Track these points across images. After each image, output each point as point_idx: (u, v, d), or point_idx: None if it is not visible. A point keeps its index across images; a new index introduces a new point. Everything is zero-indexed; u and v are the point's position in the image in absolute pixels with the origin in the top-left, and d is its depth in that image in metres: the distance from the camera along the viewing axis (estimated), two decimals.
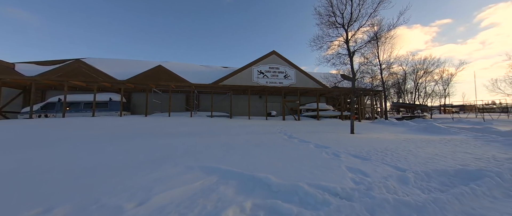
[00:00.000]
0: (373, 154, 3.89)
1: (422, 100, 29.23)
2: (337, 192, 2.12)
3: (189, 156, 3.58)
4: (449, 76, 28.40)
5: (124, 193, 1.97)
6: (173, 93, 15.67)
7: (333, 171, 2.86)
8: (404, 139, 5.88)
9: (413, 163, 3.31)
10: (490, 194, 2.29)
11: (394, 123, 11.15)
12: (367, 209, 1.79)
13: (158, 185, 2.18)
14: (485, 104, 23.97)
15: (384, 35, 8.94)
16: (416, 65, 28.17)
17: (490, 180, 2.49)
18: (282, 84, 17.01)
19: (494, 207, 2.02)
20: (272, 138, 5.91)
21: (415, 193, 2.21)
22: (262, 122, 11.21)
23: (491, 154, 4.01)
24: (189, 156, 3.58)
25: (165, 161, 3.19)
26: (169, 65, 17.76)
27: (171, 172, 2.64)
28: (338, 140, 5.59)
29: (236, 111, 16.31)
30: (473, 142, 5.38)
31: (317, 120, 13.72)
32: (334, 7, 7.73)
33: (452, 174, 2.77)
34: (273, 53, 17.29)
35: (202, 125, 8.82)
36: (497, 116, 21.06)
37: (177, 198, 1.88)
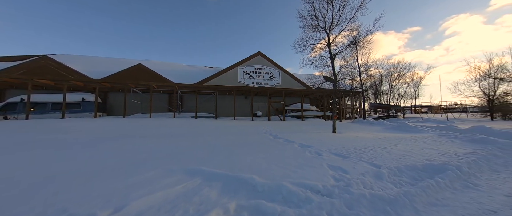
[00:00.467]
0: (352, 152, 4.11)
1: (396, 101, 31.57)
2: (319, 190, 2.20)
3: (171, 158, 3.45)
4: (418, 79, 31.10)
5: (97, 200, 1.83)
6: (154, 93, 14.97)
7: (315, 170, 2.95)
8: (380, 138, 6.29)
9: (388, 159, 3.56)
10: (452, 185, 2.55)
11: (372, 123, 11.88)
12: (346, 205, 1.88)
13: (136, 190, 2.06)
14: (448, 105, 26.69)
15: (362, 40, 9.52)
16: (391, 68, 30.39)
17: (451, 173, 2.78)
18: (267, 85, 17.18)
19: (455, 198, 2.26)
20: (258, 138, 5.93)
21: (389, 188, 2.38)
22: (248, 123, 11.20)
23: (453, 149, 4.47)
24: (171, 158, 3.45)
25: (144, 165, 3.03)
26: (150, 64, 16.94)
27: (151, 175, 2.51)
28: (321, 139, 5.80)
29: (222, 112, 16.10)
30: (438, 139, 5.95)
31: (302, 120, 14.09)
32: (317, 11, 8.04)
33: (420, 169, 3.04)
34: (258, 54, 17.40)
35: (185, 126, 8.55)
36: (458, 115, 23.57)
37: (157, 203, 1.80)
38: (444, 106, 26.24)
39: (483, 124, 8.99)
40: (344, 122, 14.40)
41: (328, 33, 8.08)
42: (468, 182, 2.67)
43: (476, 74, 18.32)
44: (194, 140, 5.31)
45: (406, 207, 1.94)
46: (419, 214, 1.86)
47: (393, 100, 31.51)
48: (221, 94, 16.58)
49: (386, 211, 1.83)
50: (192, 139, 5.56)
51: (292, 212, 1.68)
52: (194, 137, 5.94)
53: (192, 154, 3.79)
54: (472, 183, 2.65)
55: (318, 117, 16.32)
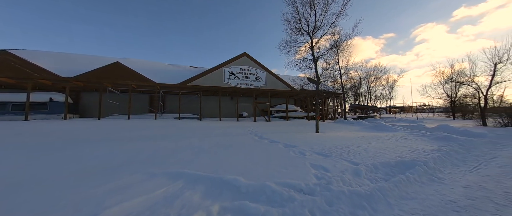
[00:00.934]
0: (333, 151, 4.30)
1: (373, 102, 33.74)
2: (301, 188, 2.26)
3: (152, 161, 3.29)
4: (393, 82, 33.65)
5: (65, 210, 1.68)
6: (134, 93, 14.19)
7: (298, 169, 3.04)
8: (359, 137, 6.67)
9: (365, 157, 3.78)
10: (420, 179, 2.79)
11: (352, 122, 12.54)
12: (327, 202, 1.96)
13: (111, 196, 1.93)
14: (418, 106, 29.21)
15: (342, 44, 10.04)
16: (369, 71, 32.46)
17: (420, 168, 3.04)
18: (253, 85, 17.24)
19: (422, 191, 2.48)
20: (243, 139, 5.92)
21: (365, 184, 2.53)
22: (233, 124, 11.12)
23: (421, 147, 4.89)
24: (152, 161, 3.29)
25: (122, 169, 2.86)
26: (129, 62, 16.03)
27: (129, 180, 2.37)
28: (304, 139, 5.97)
29: (206, 113, 15.78)
30: (409, 138, 6.48)
31: (287, 121, 14.38)
32: (301, 14, 8.29)
33: (393, 165, 3.28)
34: (244, 55, 17.40)
35: (168, 127, 8.22)
36: (427, 115, 25.91)
37: (134, 209, 1.70)
38: (415, 107, 28.70)
39: (447, 123, 9.99)
40: (326, 122, 15.00)
41: (311, 36, 8.37)
42: (433, 176, 2.95)
43: (441, 78, 20.35)
44: (177, 142, 5.13)
45: (380, 202, 2.08)
46: (391, 207, 2.01)
47: (370, 101, 33.63)
48: (206, 94, 16.26)
49: (362, 206, 1.95)
50: (175, 141, 5.37)
51: (275, 212, 1.71)
52: (177, 139, 5.74)
53: (175, 156, 3.66)
54: (436, 177, 2.93)
55: (303, 117, 16.79)
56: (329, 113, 21.24)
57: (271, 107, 16.67)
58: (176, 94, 14.84)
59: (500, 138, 6.46)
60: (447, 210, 1.96)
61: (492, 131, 7.67)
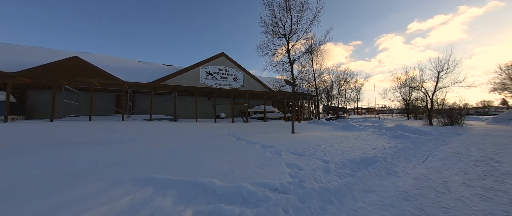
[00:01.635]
0: (307, 150, 4.53)
1: (343, 104, 36.52)
2: (276, 187, 2.33)
3: (119, 167, 3.01)
4: (359, 86, 36.96)
5: None
6: (97, 92, 12.77)
7: (274, 168, 3.12)
8: (330, 136, 7.15)
9: (335, 155, 4.08)
10: (380, 174, 3.13)
11: (324, 123, 13.38)
12: (299, 199, 2.07)
13: (66, 208, 1.71)
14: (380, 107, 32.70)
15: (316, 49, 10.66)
16: (339, 75, 35.05)
17: (380, 164, 3.41)
18: (231, 86, 17.08)
19: (381, 183, 2.78)
20: (220, 140, 5.83)
21: (334, 180, 2.73)
22: (210, 125, 10.85)
23: (381, 144, 5.49)
24: (119, 167, 3.01)
25: (83, 177, 2.55)
26: (91, 57, 14.38)
27: (91, 189, 2.13)
28: (281, 139, 6.15)
29: (182, 114, 15.06)
30: (372, 136, 7.21)
31: (264, 122, 14.61)
32: (277, 18, 8.55)
33: (358, 162, 3.61)
34: (222, 55, 17.14)
35: (138, 130, 7.60)
36: (387, 116, 29.14)
37: None
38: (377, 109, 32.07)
39: (402, 123, 11.39)
40: (302, 122, 15.69)
41: (288, 40, 8.70)
42: (390, 170, 3.33)
43: (398, 83, 23.18)
44: (148, 145, 4.79)
45: (346, 196, 2.27)
46: (355, 200, 2.21)
47: (341, 103, 36.33)
48: (181, 94, 15.52)
49: (331, 201, 2.10)
50: (145, 144, 4.99)
51: (250, 212, 1.73)
52: (148, 142, 5.35)
53: (145, 161, 3.41)
54: (393, 170, 3.33)
55: (280, 118, 17.26)
56: (304, 114, 22.28)
57: (249, 108, 16.73)
58: (147, 93, 13.82)
59: (442, 135, 7.64)
60: (400, 200, 2.25)
61: (436, 130, 9.02)
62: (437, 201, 2.20)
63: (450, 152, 4.86)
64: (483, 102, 44.73)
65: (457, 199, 2.26)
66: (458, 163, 3.80)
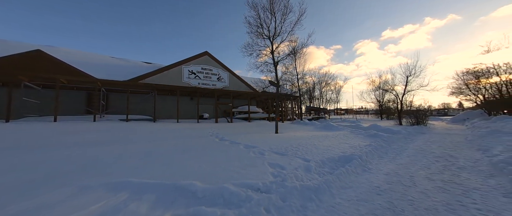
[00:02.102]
0: (289, 149, 4.63)
1: (324, 105, 38.15)
2: (258, 187, 2.35)
3: (88, 171, 2.76)
4: (339, 88, 38.94)
5: None
6: (65, 90, 11.60)
7: (257, 168, 3.14)
8: (312, 136, 7.42)
9: (315, 154, 4.24)
10: (356, 171, 3.33)
11: (306, 123, 13.83)
12: (281, 198, 2.11)
13: None
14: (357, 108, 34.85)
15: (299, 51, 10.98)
16: (321, 77, 36.53)
17: (356, 161, 3.63)
18: (215, 86, 16.79)
19: (356, 180, 2.96)
20: (203, 141, 5.68)
21: (314, 178, 2.84)
22: (193, 126, 10.52)
23: (358, 143, 5.84)
24: (88, 171, 2.76)
25: (46, 183, 2.29)
26: (58, 51, 13.05)
27: (54, 197, 1.92)
28: (264, 139, 6.20)
29: (162, 114, 14.38)
30: (350, 135, 7.64)
31: (249, 122, 14.61)
32: (262, 19, 8.64)
33: (337, 160, 3.80)
34: (206, 54, 16.76)
35: (112, 131, 7.07)
36: (363, 116, 31.16)
37: None
38: (355, 109, 34.13)
39: (376, 123, 12.27)
40: (285, 123, 16.02)
41: (272, 41, 8.83)
42: (365, 167, 3.57)
43: (373, 86, 24.93)
44: (124, 147, 4.48)
45: (325, 192, 2.37)
46: (334, 196, 2.32)
47: (322, 104, 37.89)
48: (162, 94, 14.82)
49: (311, 198, 2.18)
50: (121, 146, 4.66)
51: (232, 213, 1.72)
52: (124, 143, 5.00)
53: (119, 164, 3.18)
54: (367, 167, 3.57)
55: (264, 118, 17.41)
56: (288, 115, 22.78)
57: (234, 109, 16.60)
58: (124, 92, 12.93)
59: (409, 134, 8.40)
60: (373, 194, 2.42)
61: (405, 129, 9.88)
62: (405, 195, 2.41)
63: (416, 149, 5.36)
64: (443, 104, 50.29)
65: (421, 192, 2.50)
66: (422, 159, 4.20)
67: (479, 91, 18.28)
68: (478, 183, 2.78)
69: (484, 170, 3.38)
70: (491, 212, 1.99)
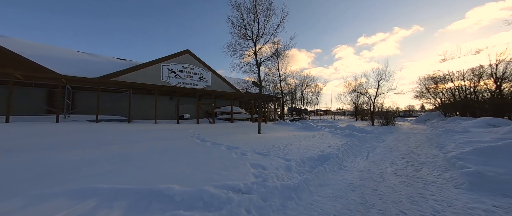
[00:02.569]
0: (271, 150, 4.70)
1: (305, 106, 39.55)
2: (240, 188, 2.33)
3: (50, 179, 2.46)
4: (319, 90, 40.74)
5: None
6: (21, 87, 10.22)
7: (239, 169, 3.12)
8: (293, 136, 7.63)
9: (296, 154, 4.37)
10: (333, 169, 3.51)
11: (288, 124, 14.18)
12: (262, 198, 2.12)
13: None
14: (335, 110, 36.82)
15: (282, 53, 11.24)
16: (303, 79, 37.83)
17: (333, 160, 3.82)
18: (197, 85, 16.29)
19: (333, 177, 3.12)
20: (183, 143, 5.47)
21: (295, 177, 2.92)
22: (172, 126, 10.06)
23: (335, 142, 6.17)
24: (50, 179, 2.46)
25: None
26: (12, 42, 11.46)
27: (4, 208, 1.67)
28: (247, 140, 6.20)
29: (138, 114, 13.50)
30: (328, 135, 8.04)
31: (231, 123, 14.47)
32: (245, 20, 8.65)
33: (316, 159, 3.95)
34: (187, 52, 16.19)
35: (80, 133, 6.41)
36: (340, 117, 33.05)
37: None
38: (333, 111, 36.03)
39: (352, 124, 13.10)
40: (268, 123, 16.22)
41: (255, 42, 8.89)
42: (341, 165, 3.78)
43: (349, 88, 26.58)
44: (93, 151, 4.09)
45: (304, 191, 2.46)
46: (312, 194, 2.41)
47: (303, 105, 39.23)
48: (138, 93, 13.92)
49: (291, 197, 2.24)
50: (89, 149, 4.25)
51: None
52: (93, 146, 4.57)
53: (87, 169, 2.90)
54: (343, 165, 3.78)
55: (247, 119, 17.41)
56: (270, 115, 23.10)
57: (216, 109, 16.29)
58: (93, 90, 11.84)
59: (380, 133, 9.13)
60: (347, 190, 2.57)
61: (377, 129, 10.72)
62: (375, 189, 2.61)
63: (386, 147, 5.85)
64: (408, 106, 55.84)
65: (389, 186, 2.74)
66: (390, 157, 4.60)
67: (437, 95, 20.70)
68: (435, 177, 3.13)
69: (440, 165, 3.83)
70: (445, 202, 2.26)
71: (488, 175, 2.74)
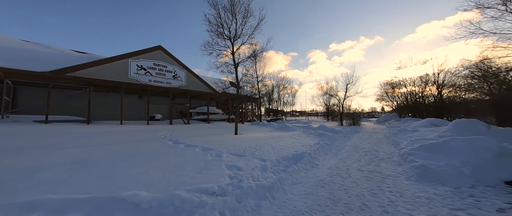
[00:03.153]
0: (248, 150, 4.71)
1: (282, 107, 40.78)
2: (214, 191, 2.28)
3: None
4: (295, 91, 42.47)
5: None
6: None
7: (214, 171, 3.04)
8: (269, 136, 7.78)
9: (272, 154, 4.46)
10: (306, 167, 3.69)
11: (265, 124, 14.42)
12: (237, 199, 2.11)
13: None
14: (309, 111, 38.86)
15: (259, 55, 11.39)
16: (279, 81, 38.92)
17: (306, 159, 4.01)
18: (170, 84, 15.37)
19: (306, 175, 3.27)
20: (153, 145, 5.09)
21: (270, 177, 2.98)
22: (141, 128, 9.29)
23: (308, 142, 6.50)
24: None
25: None
26: None
27: None
28: (223, 141, 6.09)
29: (100, 115, 12.12)
30: (303, 135, 8.43)
31: (208, 124, 14.06)
32: (222, 19, 8.52)
33: (290, 158, 4.10)
34: (159, 48, 15.16)
35: (23, 136, 5.43)
36: (314, 118, 34.99)
37: None
38: (307, 112, 37.98)
39: (324, 124, 13.98)
40: (245, 124, 16.22)
41: (233, 42, 8.82)
42: (313, 163, 4.00)
43: (321, 91, 28.39)
44: (41, 156, 3.51)
45: (279, 189, 2.53)
46: (285, 192, 2.49)
47: (280, 106, 40.38)
48: (101, 90, 12.50)
49: (265, 197, 2.27)
50: (38, 154, 3.63)
51: None
52: (41, 151, 3.91)
53: (33, 178, 2.47)
54: (315, 163, 4.01)
55: (224, 120, 17.12)
56: (247, 116, 23.15)
57: (191, 109, 15.63)
58: (43, 86, 10.19)
59: (348, 133, 9.95)
60: (318, 187, 2.73)
61: (345, 129, 11.66)
62: (342, 185, 2.83)
63: (352, 146, 6.40)
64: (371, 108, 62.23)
65: (353, 181, 3.00)
66: (356, 154, 5.05)
67: (394, 98, 23.55)
68: (391, 171, 3.55)
69: (395, 160, 4.35)
70: (398, 193, 2.58)
71: (431, 168, 3.22)
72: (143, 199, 1.86)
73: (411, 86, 19.46)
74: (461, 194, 2.47)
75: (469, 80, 9.59)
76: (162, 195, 1.97)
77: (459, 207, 2.14)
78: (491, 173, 2.95)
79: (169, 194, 1.95)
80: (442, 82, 15.62)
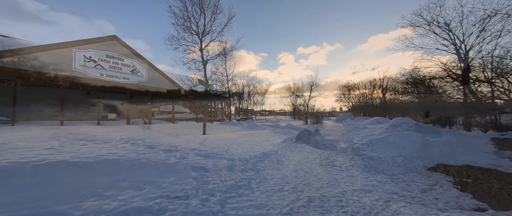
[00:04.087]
0: (216, 150, 4.58)
1: (252, 106, 41.26)
2: (177, 195, 2.13)
3: None
4: (265, 91, 43.55)
5: None
6: None
7: (178, 174, 2.85)
8: (239, 136, 7.76)
9: (240, 153, 4.46)
10: (272, 165, 3.81)
11: (235, 124, 14.33)
12: (201, 202, 2.02)
13: None
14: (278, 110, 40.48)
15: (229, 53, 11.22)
16: (250, 80, 39.24)
17: (273, 156, 4.16)
18: (128, 80, 13.69)
19: (272, 172, 3.38)
20: (104, 149, 4.43)
21: (237, 176, 2.97)
22: (89, 130, 8.00)
23: (276, 141, 6.75)
24: None
25: None
26: None
27: None
28: (189, 142, 5.77)
29: (32, 114, 9.92)
30: (271, 134, 8.71)
31: (173, 124, 13.11)
32: (190, 13, 8.06)
33: (259, 157, 4.18)
34: (114, 38, 13.32)
35: None
36: (282, 117, 36.59)
37: None
38: (276, 111, 39.50)
39: (291, 123, 14.77)
40: (214, 124, 15.77)
41: (201, 39, 8.44)
42: (280, 160, 4.18)
43: (289, 92, 29.95)
44: None
45: (246, 188, 2.54)
46: (253, 191, 2.53)
47: (250, 106, 40.78)
48: (33, 85, 10.22)
49: (231, 196, 2.26)
50: None
51: None
52: None
53: None
54: (281, 160, 4.19)
55: (191, 119, 16.26)
56: (217, 115, 22.57)
57: (154, 108, 14.30)
58: None
59: (312, 131, 10.75)
60: (283, 183, 2.86)
61: (310, 127, 12.58)
62: (305, 179, 3.04)
63: (315, 142, 6.95)
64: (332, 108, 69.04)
65: (315, 175, 3.25)
66: (317, 150, 5.50)
67: (350, 99, 26.68)
68: (346, 164, 4.00)
69: (349, 154, 4.92)
70: (350, 183, 2.92)
71: (374, 159, 3.76)
72: (88, 212, 1.60)
73: (363, 89, 22.41)
74: (396, 180, 2.97)
75: (405, 85, 11.63)
76: (111, 207, 1.73)
77: (394, 191, 2.57)
78: (417, 161, 3.64)
79: (122, 204, 1.74)
80: (386, 86, 18.49)
